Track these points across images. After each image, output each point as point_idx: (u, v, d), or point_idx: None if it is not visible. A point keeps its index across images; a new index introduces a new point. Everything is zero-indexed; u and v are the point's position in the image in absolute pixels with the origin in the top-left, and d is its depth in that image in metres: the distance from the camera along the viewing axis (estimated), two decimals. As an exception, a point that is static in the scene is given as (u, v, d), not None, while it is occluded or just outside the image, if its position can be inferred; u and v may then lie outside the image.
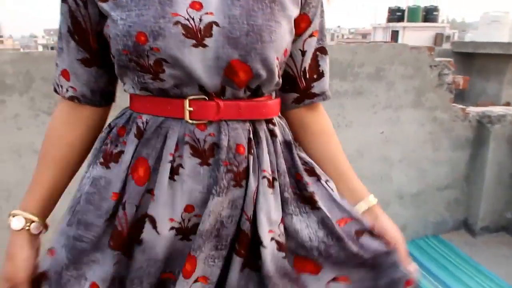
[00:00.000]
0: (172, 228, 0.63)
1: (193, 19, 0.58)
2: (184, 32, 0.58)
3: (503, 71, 4.32)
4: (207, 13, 0.59)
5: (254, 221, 0.65)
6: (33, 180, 0.73)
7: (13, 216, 0.70)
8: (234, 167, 0.64)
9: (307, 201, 0.70)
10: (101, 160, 0.67)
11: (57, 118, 0.72)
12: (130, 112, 0.68)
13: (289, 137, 0.73)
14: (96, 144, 0.71)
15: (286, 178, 0.70)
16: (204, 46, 0.59)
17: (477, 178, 2.21)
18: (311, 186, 0.71)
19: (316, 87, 0.75)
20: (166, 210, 0.62)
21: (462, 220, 2.32)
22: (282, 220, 0.68)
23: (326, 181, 0.74)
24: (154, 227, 0.62)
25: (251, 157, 0.65)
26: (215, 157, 0.63)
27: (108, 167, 0.66)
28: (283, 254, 0.66)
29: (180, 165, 0.63)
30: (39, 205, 0.71)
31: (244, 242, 0.65)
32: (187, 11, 0.59)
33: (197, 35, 0.58)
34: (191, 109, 0.62)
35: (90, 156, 0.72)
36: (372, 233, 0.71)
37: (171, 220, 0.63)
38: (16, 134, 1.53)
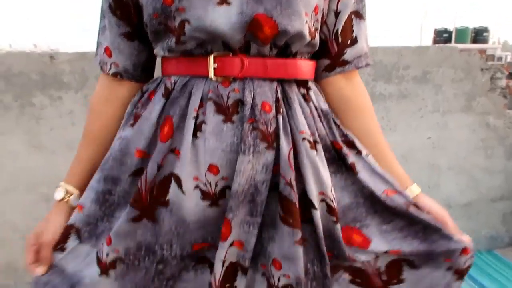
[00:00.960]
0: (196, 187, 0.62)
1: None
2: None
3: None
4: None
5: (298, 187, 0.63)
6: (76, 155, 0.77)
7: (58, 187, 0.74)
8: (260, 125, 0.62)
9: (349, 171, 0.68)
10: (131, 121, 0.69)
11: (97, 96, 0.76)
12: (161, 76, 0.70)
13: (326, 106, 0.71)
14: (129, 108, 0.73)
15: (328, 143, 0.68)
16: (228, 3, 0.59)
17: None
18: (351, 157, 0.68)
19: (349, 54, 0.72)
20: (190, 168, 0.61)
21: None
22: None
23: (367, 155, 0.71)
24: (180, 186, 0.61)
25: (280, 117, 0.63)
26: (239, 114, 0.62)
27: (133, 126, 0.67)
28: (334, 218, 0.64)
29: (203, 122, 0.62)
30: (79, 179, 0.74)
31: (291, 210, 0.62)
32: None
33: None
34: (215, 65, 0.62)
35: (122, 122, 0.74)
36: (418, 206, 0.68)
37: (195, 178, 0.62)
38: (70, 129, 1.62)
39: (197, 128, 0.62)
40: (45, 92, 1.57)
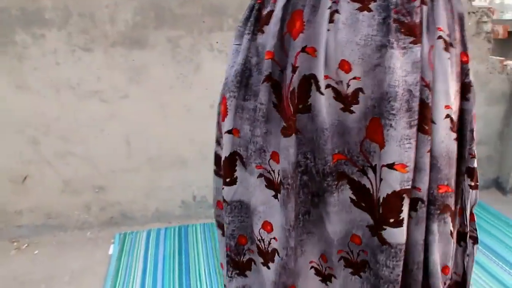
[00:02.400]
0: (328, 86, 0.57)
1: None
2: None
3: None
4: None
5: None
6: None
7: None
8: (402, 16, 0.54)
9: (466, 89, 0.63)
10: (257, 27, 0.64)
11: None
12: None
13: (462, 8, 0.63)
14: (245, 13, 0.67)
15: (459, 50, 0.61)
16: None
17: (511, 135, 2.14)
18: (470, 76, 0.64)
19: None
20: (322, 66, 0.56)
21: (493, 179, 2.26)
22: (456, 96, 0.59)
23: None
24: (318, 87, 0.56)
25: (424, 8, 0.55)
26: (377, 2, 0.55)
27: (263, 32, 0.62)
28: (455, 135, 0.59)
29: (336, 11, 0.55)
30: None
31: (427, 116, 0.56)
32: None
33: None
34: None
35: (239, 27, 0.68)
36: None
37: (326, 77, 0.56)
38: (55, 69, 1.58)
39: (330, 20, 0.55)
40: (27, 30, 1.51)
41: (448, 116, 0.58)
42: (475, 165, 0.67)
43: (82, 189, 1.77)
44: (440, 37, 0.56)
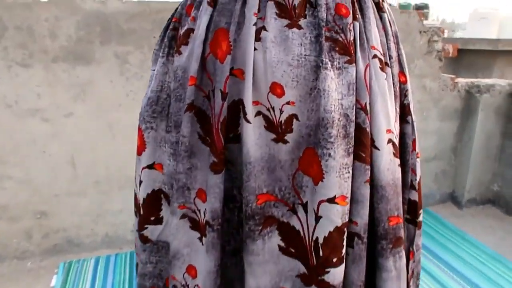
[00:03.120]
0: (259, 113, 0.50)
1: None
2: None
3: (491, 67, 4.32)
4: None
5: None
6: None
7: None
8: (334, 34, 0.50)
9: (406, 111, 0.59)
10: (174, 48, 0.56)
11: None
12: None
13: (395, 26, 0.61)
14: (161, 34, 0.60)
15: (396, 70, 0.57)
16: None
17: (464, 150, 2.19)
18: (408, 98, 0.61)
19: None
20: (251, 89, 0.50)
21: (449, 193, 2.30)
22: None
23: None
24: (244, 114, 0.50)
25: (356, 25, 0.51)
26: (307, 19, 0.50)
27: (180, 53, 0.54)
28: (399, 161, 0.55)
29: (263, 28, 0.50)
30: None
31: (364, 143, 0.52)
32: None
33: None
34: None
35: (155, 50, 0.62)
36: None
37: (255, 103, 0.50)
38: (-12, 86, 1.45)
39: (255, 38, 0.50)
40: (-44, 43, 1.39)
41: (390, 141, 0.54)
42: (416, 198, 0.62)
43: (22, 215, 1.63)
44: (375, 56, 0.53)
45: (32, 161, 1.57)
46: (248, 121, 0.50)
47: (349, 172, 0.51)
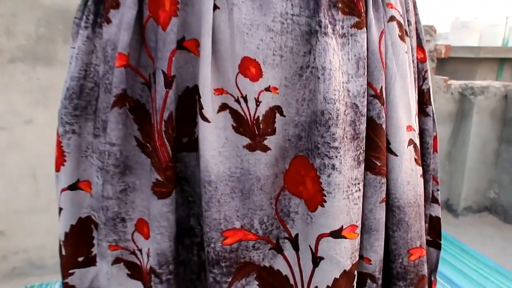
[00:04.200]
0: (223, 107, 0.35)
1: None
2: None
3: (473, 74, 4.30)
4: None
5: None
6: None
7: None
8: None
9: (425, 101, 0.47)
10: (102, 14, 0.40)
11: None
12: None
13: None
14: (79, 8, 0.44)
15: (414, 42, 0.43)
16: None
17: (459, 155, 2.08)
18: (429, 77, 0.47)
19: None
20: (209, 70, 0.34)
21: (444, 201, 2.19)
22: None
23: None
24: (200, 109, 0.34)
25: None
26: None
27: (109, 21, 0.38)
28: (421, 170, 0.41)
29: None
30: None
31: (380, 146, 0.37)
32: None
33: None
34: None
35: (75, 19, 0.46)
36: None
37: (218, 91, 0.34)
38: None
39: None
40: None
41: (411, 142, 0.40)
42: (439, 214, 0.48)
43: (-24, 235, 1.45)
44: (393, 18, 0.38)
45: (-13, 174, 1.40)
46: (206, 120, 0.34)
47: (359, 190, 0.37)
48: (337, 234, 0.35)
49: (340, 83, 0.35)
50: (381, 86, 0.37)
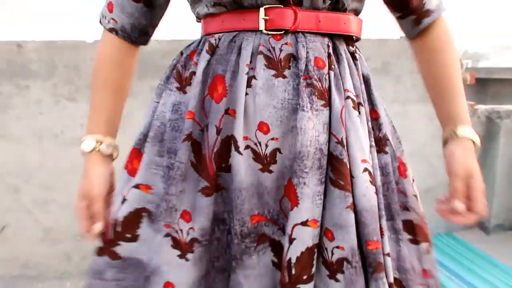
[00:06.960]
0: (247, 147, 0.59)
1: None
2: None
3: None
4: None
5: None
6: (94, 105, 0.73)
7: (83, 141, 0.71)
8: (314, 81, 0.59)
9: (382, 143, 0.67)
10: (177, 85, 0.65)
11: (103, 45, 0.73)
12: (202, 36, 0.66)
13: (367, 71, 0.69)
14: (167, 72, 0.70)
15: (367, 108, 0.66)
16: None
17: (488, 175, 2.19)
18: (385, 127, 0.68)
19: (428, 3, 0.71)
20: (241, 127, 0.59)
21: (475, 219, 2.28)
22: (370, 151, 0.62)
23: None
24: (236, 148, 0.58)
25: (332, 74, 0.61)
26: (291, 70, 0.60)
27: (184, 92, 0.64)
28: (374, 189, 0.61)
29: (253, 77, 0.59)
30: (105, 127, 0.72)
31: (342, 171, 0.58)
32: None
33: None
34: (267, 17, 0.60)
35: (159, 85, 0.70)
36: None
37: (245, 138, 0.59)
38: (38, 119, 1.61)
39: (247, 85, 0.59)
40: (12, 81, 1.56)
41: (366, 169, 0.60)
42: (410, 218, 0.68)
43: (63, 237, 1.74)
44: (348, 97, 0.61)
45: (75, 187, 1.70)
46: (240, 153, 0.59)
47: (321, 199, 0.59)
48: (304, 224, 0.58)
49: (313, 136, 0.58)
50: (342, 136, 0.59)
